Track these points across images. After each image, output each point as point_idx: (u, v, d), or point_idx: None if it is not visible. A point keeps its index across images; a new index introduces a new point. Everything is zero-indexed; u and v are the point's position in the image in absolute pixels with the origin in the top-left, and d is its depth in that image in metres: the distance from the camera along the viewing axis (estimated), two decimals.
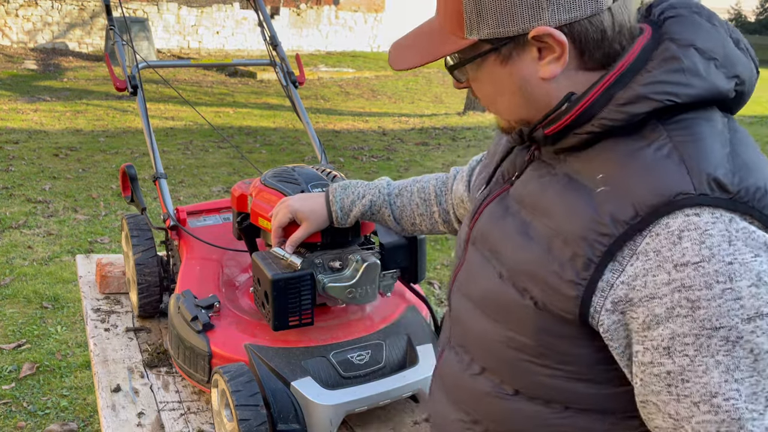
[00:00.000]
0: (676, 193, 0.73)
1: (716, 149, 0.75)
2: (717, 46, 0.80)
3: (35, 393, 2.72)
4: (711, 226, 0.71)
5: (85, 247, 4.21)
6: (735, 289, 0.70)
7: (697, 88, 0.77)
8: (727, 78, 0.79)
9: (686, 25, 0.81)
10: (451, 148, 7.80)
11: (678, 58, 0.78)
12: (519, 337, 0.86)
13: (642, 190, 0.75)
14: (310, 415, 1.30)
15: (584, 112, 0.82)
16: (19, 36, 12.44)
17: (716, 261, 0.70)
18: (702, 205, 0.72)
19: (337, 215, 1.37)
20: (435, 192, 1.37)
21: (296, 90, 2.29)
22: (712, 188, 0.72)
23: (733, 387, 0.70)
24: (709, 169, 0.73)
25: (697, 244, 0.71)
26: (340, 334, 1.45)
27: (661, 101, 0.77)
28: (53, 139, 6.94)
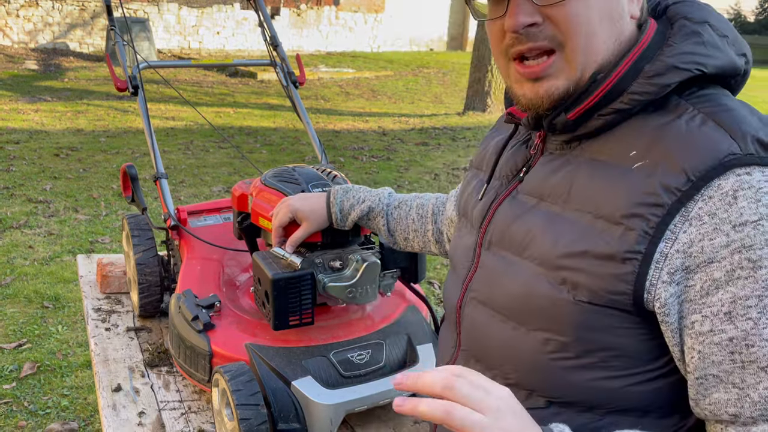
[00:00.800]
0: (725, 154, 0.72)
1: (747, 115, 0.77)
2: (725, 25, 0.83)
3: (36, 392, 2.73)
4: (765, 184, 0.71)
5: (86, 246, 4.21)
6: None
7: (719, 59, 0.80)
8: (738, 55, 0.82)
9: (694, 6, 0.85)
10: (451, 148, 7.80)
11: (698, 33, 0.80)
12: (557, 338, 0.81)
13: (688, 157, 0.74)
14: (310, 415, 1.31)
15: (614, 86, 0.80)
16: (20, 36, 12.45)
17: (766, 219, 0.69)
18: (751, 164, 0.72)
19: (336, 217, 1.38)
20: (433, 210, 1.37)
21: (296, 90, 2.29)
22: (757, 148, 0.73)
23: None
24: (750, 131, 0.74)
25: (753, 202, 0.70)
26: (341, 333, 1.46)
27: (691, 70, 0.78)
28: (54, 139, 6.95)
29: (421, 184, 6.04)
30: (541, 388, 0.84)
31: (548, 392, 0.84)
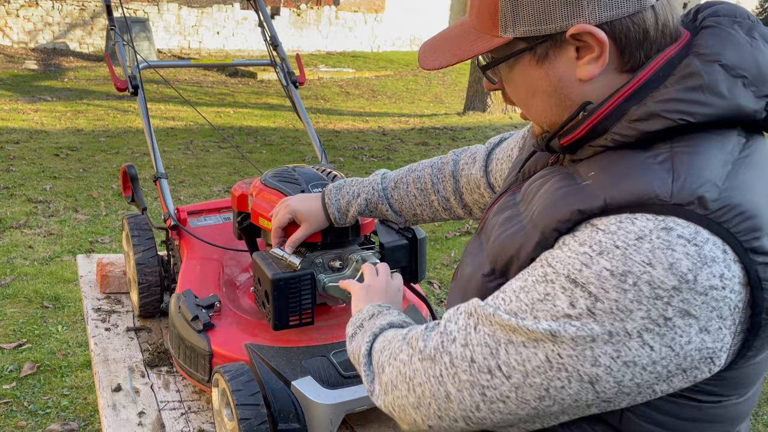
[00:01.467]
0: (649, 196, 0.70)
1: (713, 164, 0.72)
2: (749, 62, 0.75)
3: (36, 392, 2.73)
4: (641, 220, 0.69)
5: (85, 246, 4.21)
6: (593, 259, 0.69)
7: (715, 107, 0.73)
8: (757, 97, 0.74)
9: (718, 38, 0.76)
10: (451, 148, 7.79)
11: (698, 74, 0.74)
12: None
13: (618, 187, 0.72)
14: (310, 415, 1.31)
15: (598, 125, 0.79)
16: (19, 36, 12.45)
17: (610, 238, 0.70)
18: (664, 215, 0.69)
19: (334, 216, 1.38)
20: (431, 180, 1.37)
21: (296, 90, 2.29)
22: (691, 202, 0.69)
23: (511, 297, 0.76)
24: (695, 183, 0.70)
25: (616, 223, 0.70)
26: (341, 333, 1.46)
27: (674, 120, 0.73)
28: (54, 139, 6.95)
29: None
30: None
31: None
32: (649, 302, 0.67)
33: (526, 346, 0.73)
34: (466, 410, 0.78)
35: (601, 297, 0.68)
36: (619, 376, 0.70)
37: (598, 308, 0.69)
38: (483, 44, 0.83)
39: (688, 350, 0.69)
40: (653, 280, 0.67)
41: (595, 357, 0.70)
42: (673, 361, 0.69)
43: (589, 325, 0.69)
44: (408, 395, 0.83)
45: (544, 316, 0.71)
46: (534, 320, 0.72)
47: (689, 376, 0.71)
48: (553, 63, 0.80)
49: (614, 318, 0.68)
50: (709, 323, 0.68)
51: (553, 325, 0.70)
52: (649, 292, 0.67)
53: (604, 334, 0.69)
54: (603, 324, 0.68)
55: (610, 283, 0.68)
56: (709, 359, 0.70)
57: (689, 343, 0.69)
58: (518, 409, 0.75)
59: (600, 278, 0.68)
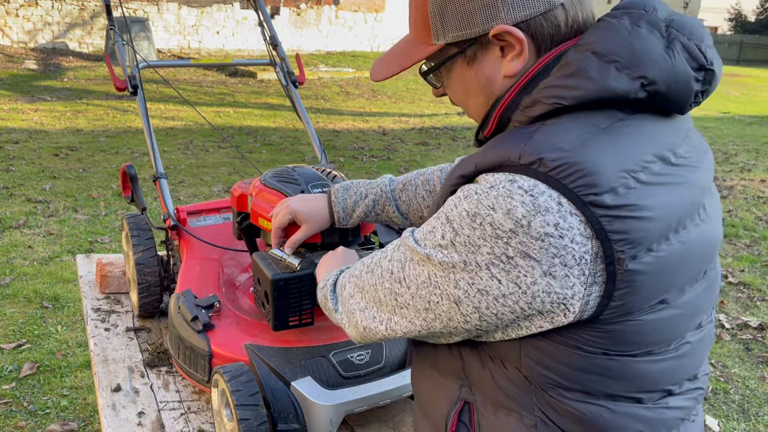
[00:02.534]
0: (504, 159, 0.81)
1: (568, 134, 0.80)
2: (622, 48, 0.82)
3: (35, 393, 2.73)
4: (495, 177, 0.80)
5: (85, 246, 4.21)
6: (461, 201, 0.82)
7: (584, 90, 0.81)
8: (630, 79, 0.81)
9: (597, 29, 0.85)
10: (451, 148, 7.80)
11: (572, 63, 0.83)
12: None
13: (487, 156, 0.83)
14: (310, 415, 1.30)
15: (502, 116, 0.90)
16: (19, 36, 12.45)
17: (474, 187, 0.81)
18: (514, 173, 0.79)
19: (339, 216, 1.37)
20: (440, 183, 1.38)
21: (296, 90, 2.29)
22: (534, 162, 0.78)
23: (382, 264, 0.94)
24: (542, 147, 0.79)
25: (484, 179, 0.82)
26: (340, 334, 1.45)
27: (550, 104, 0.83)
28: (53, 138, 6.95)
29: None
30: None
31: None
32: (491, 240, 0.78)
33: (418, 264, 0.87)
34: (386, 315, 0.93)
35: (459, 232, 0.81)
36: (476, 302, 0.82)
37: (457, 241, 0.81)
38: (421, 53, 0.95)
39: (535, 291, 0.78)
40: (494, 222, 0.78)
41: (455, 281, 0.82)
42: (522, 299, 0.79)
43: (450, 254, 0.82)
44: (359, 301, 0.98)
45: (428, 244, 0.85)
46: (423, 246, 0.86)
47: (547, 318, 0.81)
48: (482, 63, 0.91)
49: (467, 250, 0.80)
50: (553, 269, 0.77)
51: (431, 251, 0.84)
52: (491, 231, 0.78)
53: (460, 262, 0.81)
54: (460, 254, 0.81)
55: (465, 222, 0.80)
56: (561, 304, 0.79)
57: (534, 284, 0.78)
58: (416, 318, 0.89)
59: (460, 217, 0.81)
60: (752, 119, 11.01)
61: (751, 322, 3.58)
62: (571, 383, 0.85)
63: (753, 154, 8.42)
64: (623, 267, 0.77)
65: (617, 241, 0.76)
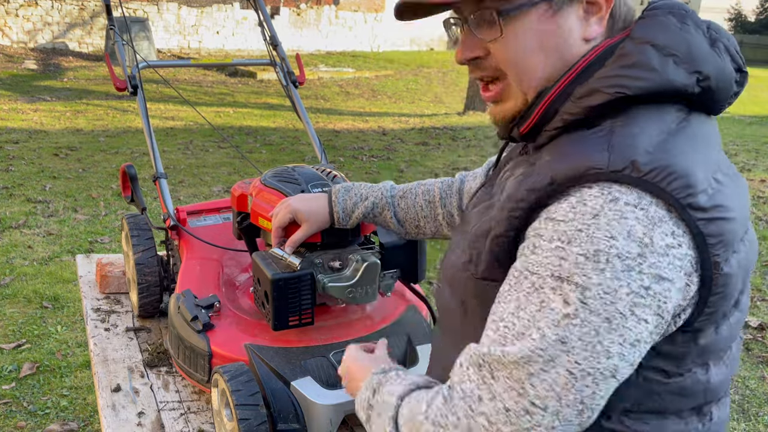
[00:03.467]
0: (588, 167, 0.75)
1: (648, 134, 0.77)
2: (678, 43, 0.82)
3: (35, 393, 2.72)
4: (591, 198, 0.74)
5: (85, 246, 4.21)
6: (566, 250, 0.73)
7: (647, 80, 0.80)
8: (688, 73, 0.81)
9: (651, 25, 0.84)
10: (451, 148, 7.80)
11: (631, 54, 0.81)
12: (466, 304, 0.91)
13: (563, 163, 0.78)
14: (310, 415, 1.30)
15: (548, 107, 0.86)
16: (19, 36, 12.44)
17: (571, 224, 0.73)
18: (605, 181, 0.74)
19: (338, 216, 1.37)
20: (440, 194, 1.38)
21: (296, 90, 2.29)
22: (626, 166, 0.74)
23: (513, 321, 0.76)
24: (628, 150, 0.75)
25: (570, 207, 0.75)
26: (340, 333, 1.45)
27: (611, 93, 0.80)
28: (53, 138, 6.94)
29: None
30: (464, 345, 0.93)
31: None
32: (625, 276, 0.71)
33: (546, 371, 0.73)
34: None
35: (586, 284, 0.71)
36: (631, 359, 0.73)
37: (587, 297, 0.71)
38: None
39: (671, 313, 0.74)
40: (621, 252, 0.70)
41: (606, 350, 0.71)
42: (662, 326, 0.74)
43: (587, 319, 0.71)
44: None
45: (546, 325, 0.73)
46: (540, 335, 0.73)
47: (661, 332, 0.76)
48: (566, 17, 0.85)
49: (605, 302, 0.71)
50: (680, 283, 0.73)
51: (559, 331, 0.72)
52: (621, 265, 0.71)
53: (603, 322, 0.71)
54: (599, 312, 0.71)
55: (588, 267, 0.71)
56: (677, 317, 0.76)
57: (671, 307, 0.73)
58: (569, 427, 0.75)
59: (578, 266, 0.72)
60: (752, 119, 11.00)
61: (751, 322, 3.58)
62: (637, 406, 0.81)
63: (753, 154, 8.41)
64: (719, 271, 0.75)
65: (714, 244, 0.74)
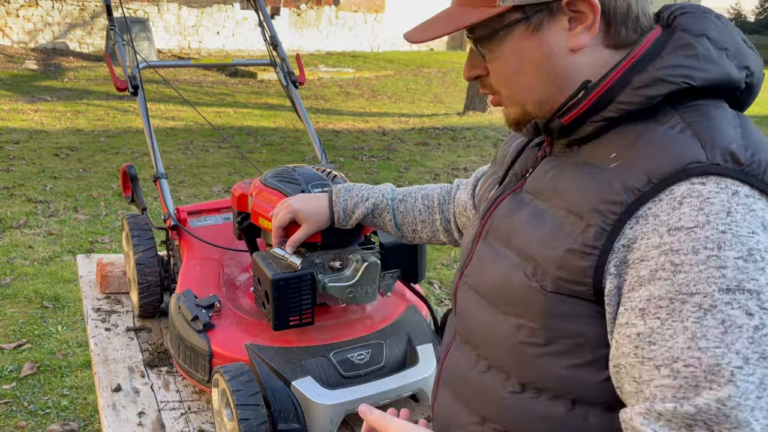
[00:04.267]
0: (688, 161, 0.74)
1: (728, 127, 0.78)
2: (727, 38, 0.83)
3: (36, 392, 2.73)
4: (713, 195, 0.71)
5: (85, 246, 4.21)
6: (721, 257, 0.69)
7: (711, 72, 0.80)
8: (739, 68, 0.82)
9: (698, 18, 0.84)
10: (451, 148, 7.80)
11: (692, 45, 0.81)
12: (527, 324, 0.85)
13: (655, 160, 0.76)
14: (310, 415, 1.31)
15: (603, 96, 0.83)
16: (19, 36, 12.44)
17: (709, 228, 0.70)
18: (711, 174, 0.73)
19: (339, 216, 1.37)
20: (438, 200, 1.37)
21: (296, 90, 2.29)
22: (726, 159, 0.73)
23: (695, 354, 0.68)
24: (723, 142, 0.75)
25: (695, 210, 0.71)
26: (341, 333, 1.46)
27: (677, 83, 0.79)
28: (54, 139, 6.95)
29: (421, 183, 6.04)
30: (515, 372, 0.88)
31: (521, 377, 0.88)
32: None
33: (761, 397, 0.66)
34: None
35: (758, 288, 0.68)
36: None
37: (764, 301, 0.67)
38: (476, 15, 0.86)
39: None
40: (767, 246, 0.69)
41: None
42: None
43: None
44: None
45: (743, 346, 0.67)
46: (742, 359, 0.67)
47: None
48: (547, 33, 0.84)
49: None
50: None
51: (756, 347, 0.67)
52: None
53: None
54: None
55: (751, 270, 0.68)
56: None
57: None
58: None
59: (741, 270, 0.68)
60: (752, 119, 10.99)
61: None
62: None
63: None
64: None
65: None
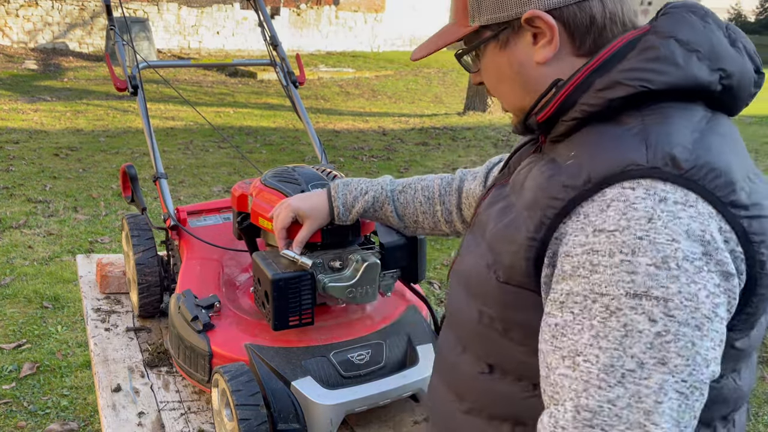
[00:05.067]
0: (627, 164, 0.75)
1: (682, 131, 0.77)
2: (702, 40, 0.81)
3: (36, 393, 2.73)
4: (639, 201, 0.72)
5: (85, 246, 4.21)
6: (633, 262, 0.70)
7: (672, 75, 0.79)
8: (711, 70, 0.80)
9: (673, 20, 0.84)
10: (451, 148, 7.80)
11: (655, 47, 0.81)
12: (487, 311, 0.89)
13: (598, 161, 0.78)
14: (310, 415, 1.31)
15: (567, 97, 0.85)
16: (19, 36, 12.44)
17: (628, 233, 0.71)
18: (645, 178, 0.73)
19: (338, 211, 1.37)
20: (439, 191, 1.38)
21: (296, 90, 2.29)
22: (666, 163, 0.74)
23: (594, 352, 0.72)
24: (667, 146, 0.75)
25: (619, 213, 0.73)
26: (341, 333, 1.46)
27: (635, 86, 0.80)
28: (54, 139, 6.95)
29: None
30: (482, 354, 0.93)
31: (488, 358, 0.92)
32: (699, 277, 0.69)
33: (660, 402, 0.69)
34: None
35: (666, 295, 0.69)
36: (719, 361, 0.72)
37: (672, 309, 0.69)
38: (457, 34, 0.95)
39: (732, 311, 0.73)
40: (687, 255, 0.69)
41: (705, 358, 0.70)
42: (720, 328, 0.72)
43: (680, 332, 0.68)
44: None
45: (640, 350, 0.69)
46: (637, 363, 0.69)
47: None
48: (514, 49, 0.90)
49: (690, 310, 0.69)
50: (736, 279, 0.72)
51: (655, 353, 0.69)
52: (692, 268, 0.69)
53: (695, 331, 0.69)
54: (687, 322, 0.69)
55: (662, 277, 0.69)
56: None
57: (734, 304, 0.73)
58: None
59: (651, 277, 0.69)
60: (752, 119, 11.00)
61: None
62: None
63: (753, 155, 8.41)
64: (764, 270, 0.74)
65: (758, 242, 0.73)
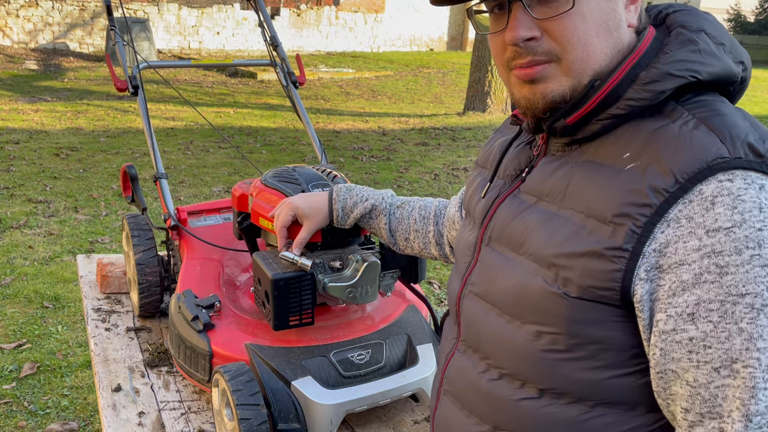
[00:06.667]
0: (713, 158, 0.74)
1: (738, 120, 0.78)
2: (723, 34, 0.84)
3: (36, 392, 2.73)
4: (743, 192, 0.72)
5: (85, 246, 4.21)
6: (763, 255, 0.70)
7: (715, 66, 0.81)
8: (735, 62, 0.83)
9: (693, 15, 0.86)
10: (451, 148, 7.80)
11: (694, 41, 0.82)
12: (548, 331, 0.84)
13: (677, 159, 0.76)
14: (310, 415, 1.31)
15: (610, 93, 0.83)
16: (20, 36, 12.45)
17: (747, 227, 0.71)
18: (736, 169, 0.73)
19: (337, 214, 1.38)
20: (435, 212, 1.37)
21: (296, 90, 2.29)
22: (746, 152, 0.74)
23: (753, 355, 0.70)
24: (741, 135, 0.76)
25: (729, 209, 0.72)
26: (341, 333, 1.46)
27: (685, 77, 0.80)
28: (54, 139, 6.95)
29: (421, 184, 6.04)
30: (533, 378, 0.87)
31: (540, 383, 0.87)
32: None
33: None
34: None
35: None
36: None
37: None
38: None
39: None
40: None
41: None
42: None
43: None
44: None
45: None
46: None
47: None
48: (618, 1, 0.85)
49: None
50: None
51: None
52: None
53: None
54: None
55: None
56: None
57: None
58: None
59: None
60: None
61: None
62: None
63: None
64: None
65: None
